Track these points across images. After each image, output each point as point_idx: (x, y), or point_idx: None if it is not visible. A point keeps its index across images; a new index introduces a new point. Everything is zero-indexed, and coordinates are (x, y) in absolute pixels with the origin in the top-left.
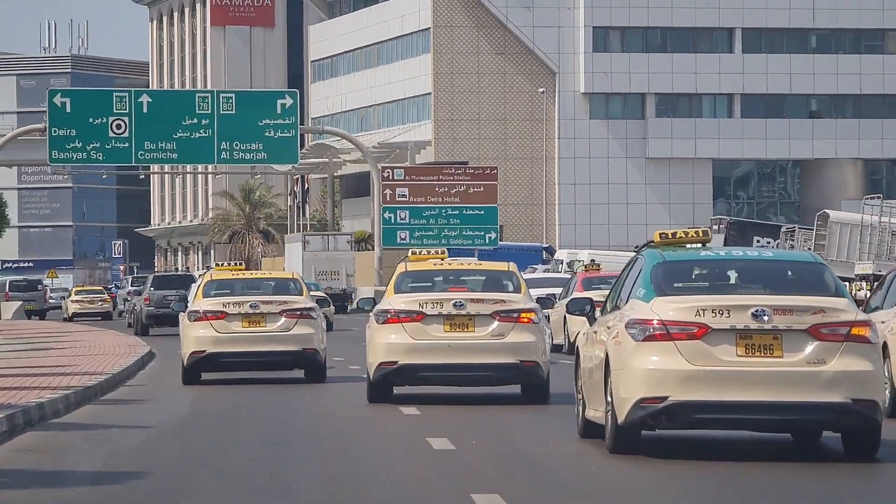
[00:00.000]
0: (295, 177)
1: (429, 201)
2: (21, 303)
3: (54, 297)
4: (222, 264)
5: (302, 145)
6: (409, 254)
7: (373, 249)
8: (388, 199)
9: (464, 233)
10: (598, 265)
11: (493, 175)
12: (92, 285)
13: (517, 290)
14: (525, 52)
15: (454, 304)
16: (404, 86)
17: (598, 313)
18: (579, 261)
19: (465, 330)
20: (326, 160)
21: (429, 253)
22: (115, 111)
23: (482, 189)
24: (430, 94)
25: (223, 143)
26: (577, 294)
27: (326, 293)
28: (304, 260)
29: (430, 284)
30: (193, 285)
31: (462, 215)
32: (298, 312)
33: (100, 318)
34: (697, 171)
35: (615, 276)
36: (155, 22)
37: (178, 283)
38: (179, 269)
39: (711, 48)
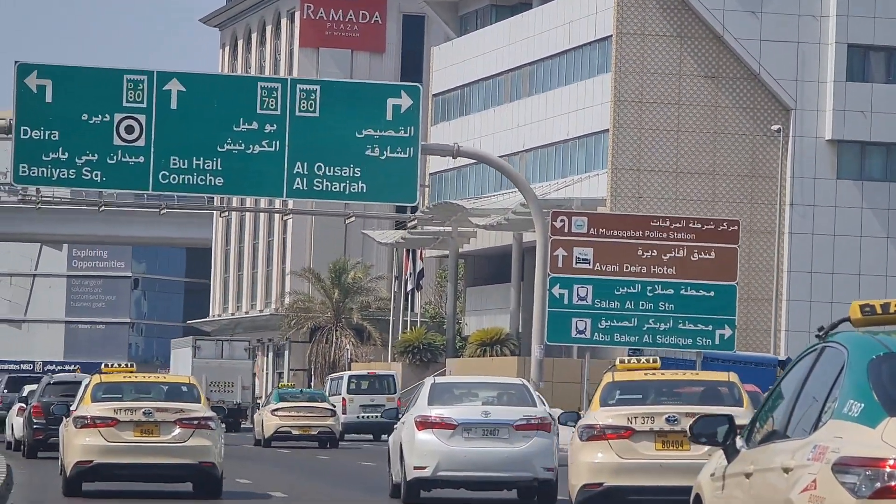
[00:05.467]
0: (405, 250)
1: (626, 272)
2: None
3: None
4: (113, 364)
5: (414, 210)
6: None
7: (510, 354)
8: (559, 265)
9: (680, 326)
10: None
11: (732, 235)
12: None
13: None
14: (747, 78)
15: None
16: (568, 122)
17: (738, 441)
18: None
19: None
20: (450, 229)
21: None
22: (125, 104)
23: (713, 256)
24: (606, 131)
25: (298, 164)
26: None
27: (220, 405)
28: (194, 367)
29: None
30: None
31: (678, 297)
32: (196, 422)
33: None
34: None
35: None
36: (228, 49)
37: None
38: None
39: None
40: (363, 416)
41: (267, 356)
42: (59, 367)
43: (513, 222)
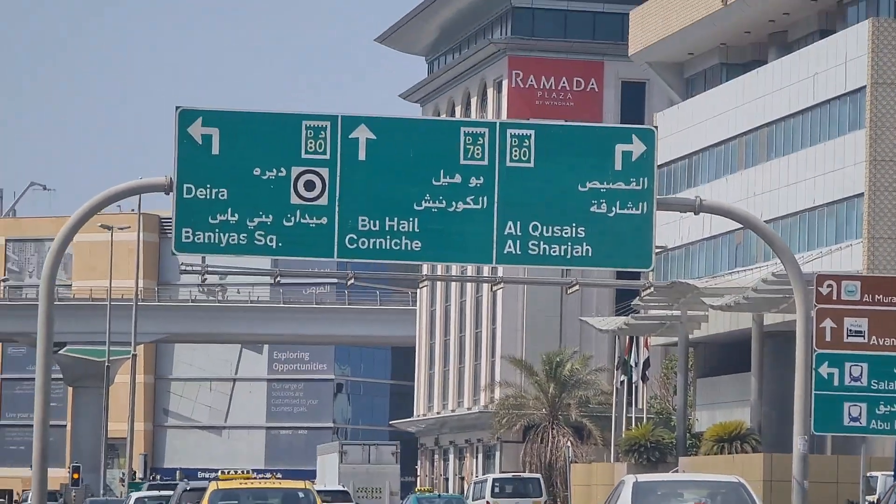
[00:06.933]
0: (627, 337)
1: None
2: None
3: None
4: (228, 472)
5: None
6: None
7: (752, 451)
8: (827, 339)
9: None
10: None
11: None
12: None
13: None
14: None
15: None
16: (815, 187)
17: None
18: None
19: None
20: (678, 313)
21: None
22: (304, 156)
23: None
24: (861, 195)
25: (510, 223)
26: None
27: None
28: (341, 473)
29: None
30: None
31: None
32: None
33: None
34: None
35: None
36: None
37: None
38: (451, 478)
39: None
40: None
41: (476, 458)
42: (260, 474)
43: (753, 302)
